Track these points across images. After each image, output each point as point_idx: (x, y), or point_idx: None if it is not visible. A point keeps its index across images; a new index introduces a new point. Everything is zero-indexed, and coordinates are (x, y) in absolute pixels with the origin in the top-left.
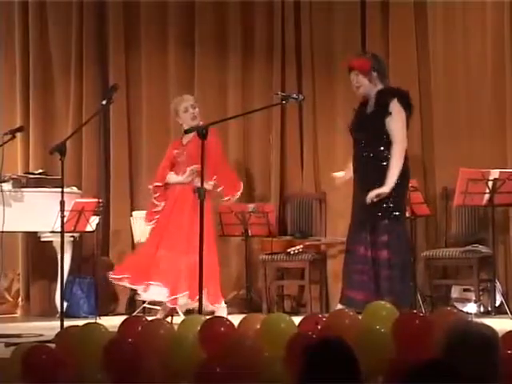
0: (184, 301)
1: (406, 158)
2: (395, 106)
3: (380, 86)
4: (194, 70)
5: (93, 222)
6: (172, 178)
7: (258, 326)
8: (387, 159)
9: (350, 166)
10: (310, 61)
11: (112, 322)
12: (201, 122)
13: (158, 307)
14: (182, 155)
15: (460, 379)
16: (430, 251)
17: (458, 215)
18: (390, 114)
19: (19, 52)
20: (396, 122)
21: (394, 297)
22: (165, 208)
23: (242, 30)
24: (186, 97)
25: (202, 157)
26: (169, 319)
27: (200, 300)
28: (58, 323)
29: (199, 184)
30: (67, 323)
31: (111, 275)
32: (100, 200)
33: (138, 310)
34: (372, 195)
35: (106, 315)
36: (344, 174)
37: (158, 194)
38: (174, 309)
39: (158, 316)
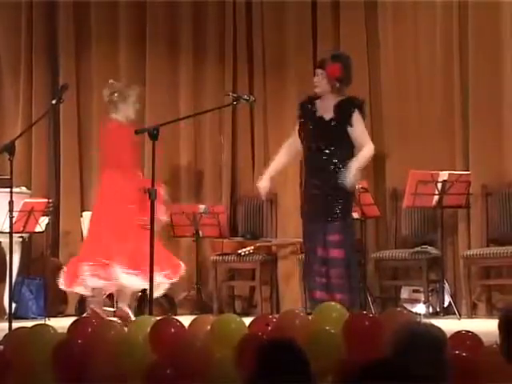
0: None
1: None
2: (357, 117)
3: (338, 95)
4: (145, 70)
5: (42, 223)
6: None
7: (209, 327)
8: (344, 165)
9: (271, 168)
10: (262, 61)
11: (61, 324)
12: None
13: (110, 308)
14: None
15: (409, 379)
16: (380, 252)
17: (408, 216)
18: (352, 125)
19: None
20: (360, 130)
21: (348, 294)
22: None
23: (194, 31)
24: (140, 90)
25: (153, 158)
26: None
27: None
28: (6, 325)
29: None
30: (15, 325)
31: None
32: (50, 200)
33: (87, 312)
34: (350, 175)
35: (55, 316)
36: (266, 182)
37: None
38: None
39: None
